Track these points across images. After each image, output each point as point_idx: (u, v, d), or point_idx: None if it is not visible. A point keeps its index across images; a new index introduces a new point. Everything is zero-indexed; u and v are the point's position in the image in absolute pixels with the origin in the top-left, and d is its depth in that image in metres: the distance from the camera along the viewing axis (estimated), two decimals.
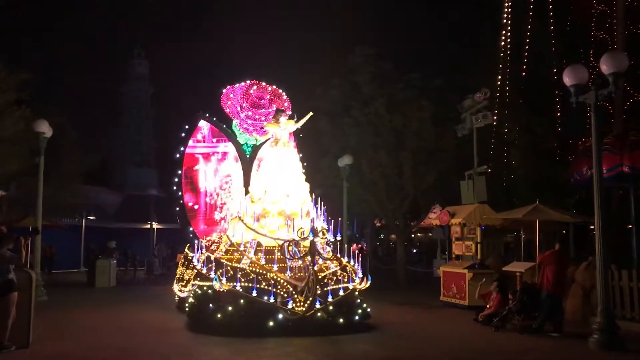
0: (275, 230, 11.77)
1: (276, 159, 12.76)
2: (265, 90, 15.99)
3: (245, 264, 11.13)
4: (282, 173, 12.51)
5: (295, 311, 10.51)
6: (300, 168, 13.03)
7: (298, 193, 12.42)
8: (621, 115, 18.43)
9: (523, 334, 10.92)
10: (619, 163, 14.21)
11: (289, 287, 10.75)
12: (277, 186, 12.29)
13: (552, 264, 11.24)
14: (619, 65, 9.88)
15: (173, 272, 24.16)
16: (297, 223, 11.53)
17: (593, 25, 21.91)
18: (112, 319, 12.61)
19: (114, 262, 21.72)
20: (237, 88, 15.93)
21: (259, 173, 13.24)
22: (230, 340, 9.80)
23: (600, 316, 9.75)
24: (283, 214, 11.94)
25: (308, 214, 12.04)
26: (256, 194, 12.51)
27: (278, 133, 12.92)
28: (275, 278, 10.81)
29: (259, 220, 11.83)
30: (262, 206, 12.11)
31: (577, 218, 15.96)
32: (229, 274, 10.76)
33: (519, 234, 20.09)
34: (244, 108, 15.72)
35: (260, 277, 10.78)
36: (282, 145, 12.88)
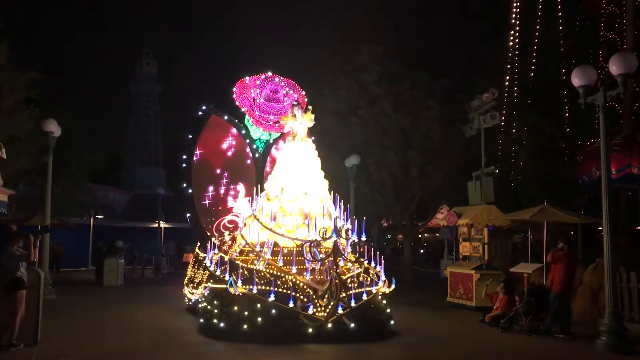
0: (293, 230, 11.13)
1: (293, 154, 12.10)
2: (280, 83, 15.44)
3: (261, 266, 10.54)
4: (300, 169, 11.88)
5: (317, 317, 9.80)
6: (319, 164, 12.36)
7: (317, 190, 11.81)
8: (630, 116, 18.32)
9: (531, 335, 10.89)
10: (628, 164, 14.14)
11: (309, 290, 10.12)
12: (295, 183, 11.67)
13: (564, 264, 11.18)
14: (629, 66, 9.84)
15: (181, 272, 24.28)
16: (316, 222, 10.87)
17: (602, 26, 21.83)
18: (121, 318, 12.57)
19: (121, 260, 21.80)
20: (250, 80, 15.33)
21: (275, 169, 12.56)
22: (245, 346, 9.27)
23: (608, 318, 9.70)
24: (301, 213, 11.34)
25: (328, 213, 11.36)
26: (272, 191, 11.89)
27: (295, 127, 12.29)
28: (294, 281, 10.17)
29: (276, 219, 11.17)
30: (279, 204, 11.48)
31: (585, 219, 15.88)
32: (244, 276, 10.11)
33: (526, 234, 19.99)
34: (258, 102, 15.09)
35: (278, 280, 10.15)
36: (299, 140, 12.23)
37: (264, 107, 15.13)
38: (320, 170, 12.26)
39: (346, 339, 9.69)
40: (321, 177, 12.16)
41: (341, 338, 9.69)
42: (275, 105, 15.14)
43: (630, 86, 11.21)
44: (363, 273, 10.92)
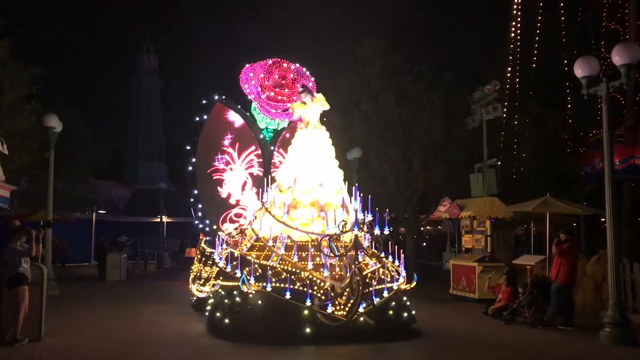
0: (308, 223, 10.37)
1: (306, 143, 11.34)
2: (288, 69, 14.78)
3: (274, 261, 9.85)
4: (314, 159, 11.14)
5: (336, 315, 9.14)
6: (333, 153, 11.60)
7: (332, 181, 11.11)
8: (633, 106, 18.26)
9: (534, 327, 10.88)
10: (631, 155, 14.12)
11: (327, 287, 9.42)
12: (309, 173, 10.95)
13: (568, 257, 11.14)
14: (632, 56, 9.77)
15: (183, 266, 24.31)
16: (332, 215, 10.12)
17: (605, 16, 21.74)
18: (124, 314, 12.52)
19: (124, 256, 21.84)
20: (257, 67, 14.68)
21: (287, 159, 11.84)
22: (259, 348, 8.69)
23: (611, 309, 9.68)
24: (316, 205, 10.63)
25: (344, 205, 10.68)
26: (284, 182, 11.20)
27: (306, 114, 11.57)
28: (311, 277, 9.48)
29: (289, 212, 10.48)
30: (292, 196, 10.79)
31: (587, 210, 15.85)
32: (257, 272, 9.55)
33: (529, 227, 19.99)
34: (265, 88, 14.44)
35: (294, 277, 9.47)
36: (312, 127, 11.48)
37: (272, 94, 14.52)
38: (335, 160, 11.59)
39: (367, 339, 9.08)
40: (336, 167, 11.49)
41: (361, 338, 9.10)
42: (283, 92, 14.52)
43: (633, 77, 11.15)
44: (382, 268, 10.16)
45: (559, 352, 9.03)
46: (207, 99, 15.44)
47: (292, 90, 14.38)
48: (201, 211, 15.23)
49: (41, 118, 16.37)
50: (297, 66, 14.80)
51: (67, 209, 26.07)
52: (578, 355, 8.86)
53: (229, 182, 14.97)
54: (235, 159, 15.17)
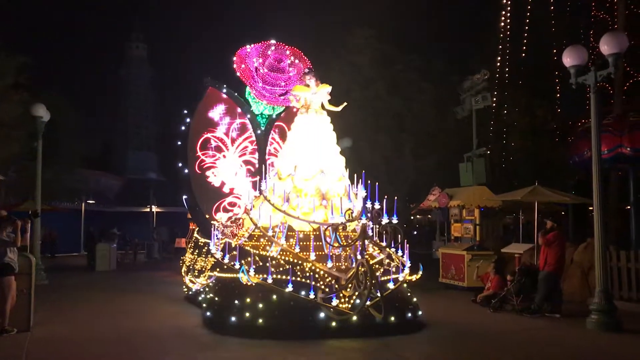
0: (309, 212, 9.86)
1: (308, 128, 10.91)
2: (284, 52, 14.25)
3: (274, 252, 9.47)
4: (315, 145, 10.73)
5: (341, 309, 8.77)
6: (335, 139, 11.22)
7: (334, 168, 10.70)
8: (621, 96, 18.39)
9: (522, 315, 10.99)
10: (619, 144, 14.22)
11: (331, 280, 9.06)
12: (310, 160, 10.53)
13: (556, 245, 11.24)
14: (620, 45, 9.82)
15: (173, 257, 24.28)
16: (341, 203, 9.60)
17: (593, 5, 21.79)
18: (114, 304, 12.41)
19: (113, 245, 21.79)
20: (252, 49, 14.12)
21: (286, 145, 11.35)
22: (261, 342, 8.34)
23: (598, 297, 9.80)
24: (318, 193, 10.20)
25: (346, 192, 10.29)
26: (284, 169, 10.72)
27: (308, 98, 11.15)
28: (314, 269, 9.12)
29: (289, 201, 10.06)
30: (293, 184, 10.37)
31: (575, 199, 15.99)
32: (256, 264, 9.15)
33: (518, 215, 20.14)
34: (261, 72, 13.92)
35: (295, 268, 9.12)
36: (313, 112, 11.07)
37: (268, 77, 14.01)
38: (337, 146, 11.18)
39: (372, 333, 8.74)
40: (338, 153, 11.08)
41: (366, 332, 8.74)
42: (280, 75, 14.03)
43: (621, 66, 11.23)
44: (386, 259, 9.71)
45: (546, 339, 9.12)
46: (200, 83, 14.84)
47: (289, 74, 14.01)
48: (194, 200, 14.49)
49: (29, 107, 16.23)
50: (295, 49, 14.30)
51: (56, 199, 25.94)
52: (565, 342, 8.95)
53: (223, 169, 14.53)
54: (228, 146, 14.72)
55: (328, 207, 9.73)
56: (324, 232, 9.23)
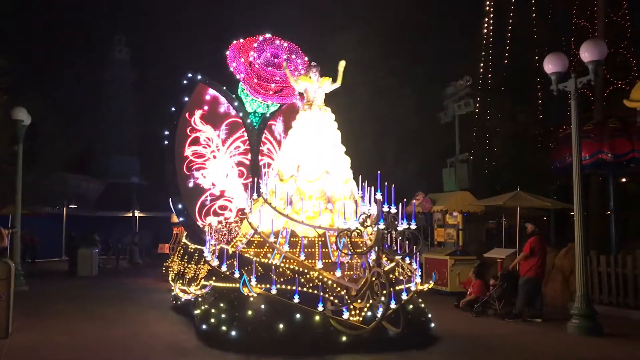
0: (315, 216, 9.26)
1: (311, 125, 10.23)
2: (281, 46, 13.58)
3: (277, 260, 8.82)
4: (320, 143, 10.04)
5: (353, 322, 8.07)
6: (340, 137, 10.55)
7: (340, 169, 10.06)
8: (601, 102, 18.61)
9: (504, 320, 11.05)
10: (599, 150, 14.40)
11: (341, 290, 8.35)
12: (314, 160, 9.84)
13: (539, 250, 11.33)
14: (599, 53, 9.97)
15: (156, 262, 24.06)
16: (340, 207, 9.26)
17: (575, 13, 22.07)
18: (96, 311, 12.09)
19: (95, 250, 21.57)
20: (246, 43, 13.43)
21: (288, 143, 10.60)
22: None
23: (578, 301, 9.89)
24: (323, 196, 9.55)
25: (352, 195, 9.77)
26: (286, 170, 10.02)
27: (311, 91, 10.58)
28: (321, 279, 8.43)
29: (292, 204, 9.32)
30: (296, 185, 9.69)
31: (557, 204, 16.16)
32: (258, 272, 8.46)
33: (500, 220, 20.28)
34: (255, 68, 13.22)
35: (301, 278, 8.39)
36: (317, 108, 10.43)
37: (263, 73, 13.27)
38: (342, 145, 10.53)
39: (385, 348, 8.14)
40: (343, 153, 10.44)
41: (379, 346, 8.15)
42: (276, 71, 13.29)
43: (601, 73, 11.39)
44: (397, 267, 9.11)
45: (527, 343, 9.18)
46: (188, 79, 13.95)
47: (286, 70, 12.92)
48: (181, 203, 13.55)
49: (9, 111, 16.02)
50: (291, 44, 13.62)
51: (37, 204, 25.62)
52: (545, 346, 9.03)
53: (213, 171, 13.69)
54: (219, 146, 13.84)
55: (334, 211, 9.27)
56: (337, 238, 8.52)
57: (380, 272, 7.78)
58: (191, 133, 13.61)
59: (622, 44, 20.54)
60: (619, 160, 14.29)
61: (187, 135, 13.57)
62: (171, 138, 13.48)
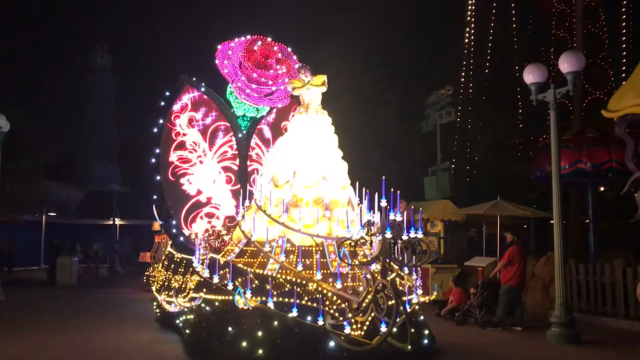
0: (312, 225, 8.73)
1: (307, 129, 9.81)
2: (271, 48, 13.12)
3: (272, 270, 8.35)
4: (317, 148, 9.62)
5: (356, 337, 7.58)
6: (336, 142, 10.15)
7: (337, 175, 9.62)
8: (580, 112, 18.88)
9: (485, 328, 11.11)
10: (578, 159, 14.56)
11: (341, 303, 7.85)
12: (311, 165, 9.41)
13: (518, 260, 11.42)
14: (578, 64, 10.11)
15: (137, 270, 23.80)
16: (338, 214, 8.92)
17: (554, 24, 22.42)
18: (76, 321, 11.83)
19: (75, 259, 21.31)
20: (236, 44, 12.96)
21: (283, 148, 10.14)
22: None
23: (558, 310, 9.99)
24: (320, 203, 9.09)
25: (350, 202, 9.38)
26: (281, 175, 9.54)
27: (307, 94, 10.13)
28: (321, 290, 7.92)
29: (289, 211, 8.87)
30: (292, 192, 9.22)
31: (536, 213, 16.32)
32: (253, 284, 7.91)
33: (481, 228, 20.44)
34: (246, 69, 12.75)
35: (300, 290, 7.89)
36: (313, 111, 9.99)
37: (253, 75, 12.83)
38: (339, 150, 10.11)
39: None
40: (340, 158, 10.02)
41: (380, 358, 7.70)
42: (267, 73, 12.86)
43: (579, 84, 11.53)
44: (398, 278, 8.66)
45: (507, 352, 9.23)
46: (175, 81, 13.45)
47: (277, 72, 12.89)
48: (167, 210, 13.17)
49: None
50: (282, 45, 13.26)
51: (16, 212, 25.28)
52: (525, 354, 9.08)
53: (199, 176, 13.23)
54: (206, 151, 13.35)
55: (333, 219, 8.88)
56: (339, 247, 8.06)
57: (387, 284, 7.26)
58: (176, 137, 13.16)
59: (600, 54, 20.91)
60: (598, 170, 14.47)
61: (173, 139, 13.10)
62: (155, 142, 13.05)
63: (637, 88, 11.41)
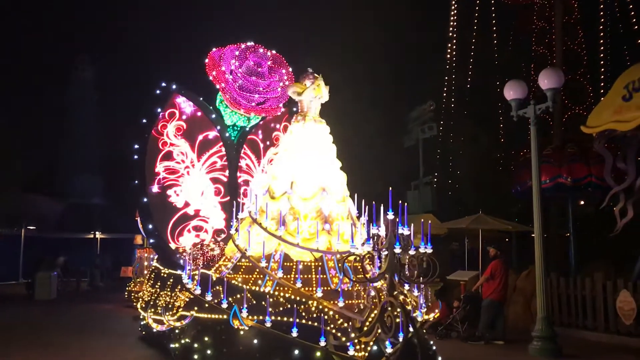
0: (311, 239, 8.30)
1: (305, 138, 9.43)
2: (264, 55, 12.74)
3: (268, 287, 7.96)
4: (315, 158, 9.26)
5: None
6: (335, 152, 9.77)
7: (337, 186, 9.29)
8: (560, 127, 19.09)
9: (467, 342, 11.14)
10: (558, 174, 14.76)
11: (343, 322, 7.35)
12: (310, 176, 9.04)
13: (500, 274, 11.50)
14: (557, 81, 10.29)
15: (118, 285, 23.48)
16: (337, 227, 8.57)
17: (534, 41, 22.71)
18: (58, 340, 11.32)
19: (55, 273, 20.99)
20: (227, 51, 12.54)
21: (279, 157, 9.75)
22: None
23: (539, 323, 10.05)
24: (320, 215, 8.72)
25: (349, 215, 9.06)
26: (277, 187, 9.15)
27: (306, 100, 9.78)
28: (322, 309, 7.44)
29: (286, 224, 8.46)
30: (290, 204, 8.83)
31: (517, 227, 16.45)
32: (249, 302, 7.49)
33: (463, 242, 20.55)
34: (237, 77, 12.35)
35: (300, 308, 7.44)
36: (312, 120, 9.64)
37: (245, 83, 12.44)
38: (338, 160, 9.72)
39: None
40: (339, 169, 9.66)
41: None
42: (259, 81, 12.48)
43: (559, 100, 11.73)
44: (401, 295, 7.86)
45: None
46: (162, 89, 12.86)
47: (270, 80, 12.47)
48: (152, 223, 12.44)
49: None
50: (275, 53, 12.87)
51: None
52: None
53: (187, 188, 12.63)
54: (194, 161, 12.80)
55: (333, 232, 8.49)
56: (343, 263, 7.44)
57: (395, 303, 6.61)
58: (163, 147, 12.57)
59: (579, 70, 21.18)
60: (578, 185, 14.68)
61: (159, 149, 12.52)
62: (141, 152, 12.43)
63: (615, 105, 11.70)
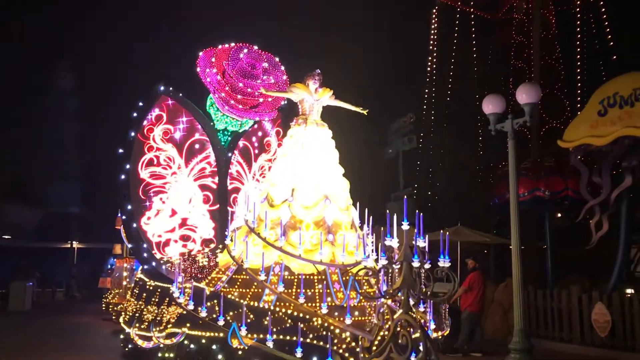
0: (314, 250, 7.89)
1: (306, 143, 9.01)
2: (259, 56, 12.35)
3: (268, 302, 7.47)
4: (318, 164, 8.83)
5: None
6: (337, 157, 9.38)
7: (340, 194, 8.91)
8: (537, 141, 19.34)
9: (445, 355, 11.17)
10: (535, 187, 14.92)
11: (351, 341, 6.90)
12: (311, 183, 8.59)
13: (477, 286, 11.59)
14: (535, 96, 10.42)
15: (94, 296, 23.12)
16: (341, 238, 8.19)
17: (512, 55, 23.04)
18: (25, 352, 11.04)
19: (30, 283, 20.65)
20: (219, 51, 12.11)
21: (279, 163, 9.21)
22: None
23: (516, 335, 10.11)
24: (322, 225, 8.28)
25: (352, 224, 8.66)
26: (277, 194, 8.65)
27: (308, 103, 9.42)
28: (327, 326, 6.98)
29: (287, 235, 7.96)
30: (291, 212, 8.37)
31: (495, 240, 16.59)
32: (248, 319, 7.00)
33: None
34: (231, 78, 11.90)
35: (303, 325, 6.92)
36: (313, 124, 9.24)
37: (238, 85, 11.93)
38: (340, 167, 9.32)
39: None
40: (342, 176, 9.26)
41: None
42: (253, 83, 12.03)
43: (536, 115, 11.92)
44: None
45: None
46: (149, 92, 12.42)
47: (265, 83, 11.96)
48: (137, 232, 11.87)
49: None
50: (270, 55, 12.55)
51: None
52: None
53: (174, 195, 12.04)
54: (182, 167, 12.18)
55: (336, 243, 8.07)
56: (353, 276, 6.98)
57: (410, 321, 6.03)
58: (149, 151, 12.05)
59: (557, 85, 21.51)
60: (554, 198, 14.85)
61: (144, 154, 12.03)
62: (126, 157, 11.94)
63: (590, 120, 11.94)
